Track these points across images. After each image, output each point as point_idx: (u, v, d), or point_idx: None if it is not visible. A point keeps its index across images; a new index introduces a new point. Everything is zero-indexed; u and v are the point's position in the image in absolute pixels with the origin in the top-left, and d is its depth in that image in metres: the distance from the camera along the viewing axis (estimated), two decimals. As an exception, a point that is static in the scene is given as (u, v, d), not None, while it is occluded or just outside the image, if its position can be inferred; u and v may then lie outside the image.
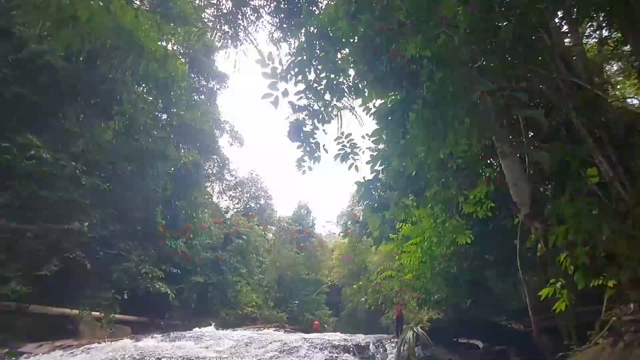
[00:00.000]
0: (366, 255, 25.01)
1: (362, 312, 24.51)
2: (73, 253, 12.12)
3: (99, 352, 6.04)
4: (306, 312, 29.64)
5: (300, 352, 6.44)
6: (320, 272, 34.15)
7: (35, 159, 12.10)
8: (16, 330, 10.19)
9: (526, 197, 5.76)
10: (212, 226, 22.04)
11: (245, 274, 24.09)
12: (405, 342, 6.90)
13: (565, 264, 4.87)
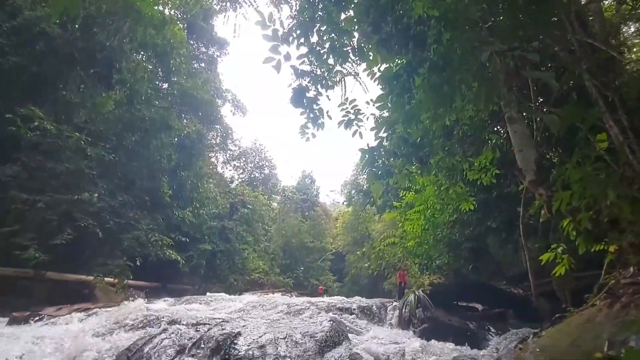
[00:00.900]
0: (369, 223, 25.39)
1: (365, 278, 25.30)
2: (84, 222, 12.42)
3: (115, 313, 6.36)
4: (311, 277, 30.66)
5: (306, 314, 6.72)
6: (324, 240, 34.91)
7: (40, 131, 12.10)
8: (36, 296, 10.72)
9: (532, 163, 5.70)
10: (218, 196, 22.31)
11: (251, 241, 24.69)
12: (407, 304, 7.15)
13: (568, 230, 4.91)
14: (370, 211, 23.03)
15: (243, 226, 23.84)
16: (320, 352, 4.27)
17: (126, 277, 13.59)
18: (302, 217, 35.96)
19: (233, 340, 4.31)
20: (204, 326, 4.92)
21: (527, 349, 4.20)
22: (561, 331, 4.33)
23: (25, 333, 5.88)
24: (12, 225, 11.39)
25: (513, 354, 4.38)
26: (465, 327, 7.04)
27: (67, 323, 6.49)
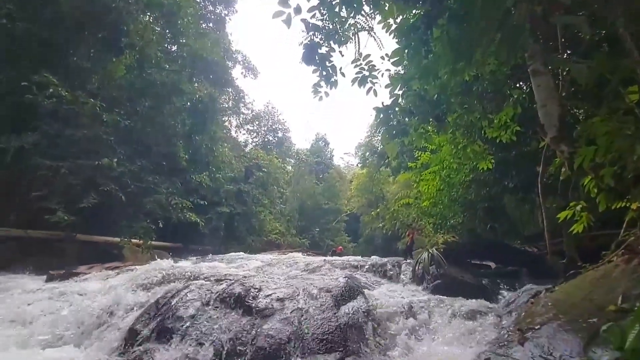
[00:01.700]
0: (384, 185, 25.41)
1: (379, 238, 25.80)
2: (107, 187, 12.91)
3: (142, 271, 6.78)
4: (326, 238, 31.49)
5: (322, 271, 6.99)
6: (339, 201, 35.35)
7: (55, 97, 12.26)
8: (68, 256, 11.47)
9: (555, 119, 5.45)
10: (233, 160, 22.58)
11: (267, 204, 25.25)
12: (420, 262, 7.30)
13: (589, 187, 4.79)
14: (384, 173, 22.95)
15: (259, 189, 24.28)
16: (336, 305, 4.49)
17: (150, 238, 14.31)
18: (317, 179, 36.27)
19: (253, 294, 4.56)
20: (225, 281, 5.21)
21: (538, 302, 4.28)
22: (574, 286, 4.37)
23: (62, 288, 6.37)
24: (39, 191, 11.97)
25: (524, 308, 4.49)
26: (478, 283, 7.18)
27: (99, 280, 6.98)
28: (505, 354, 3.11)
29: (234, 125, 33.65)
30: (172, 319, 4.10)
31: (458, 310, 4.76)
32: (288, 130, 40.12)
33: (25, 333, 4.58)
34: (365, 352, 3.67)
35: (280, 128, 39.11)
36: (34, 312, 5.13)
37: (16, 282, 7.59)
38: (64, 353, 4.14)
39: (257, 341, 3.66)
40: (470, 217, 10.67)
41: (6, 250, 10.79)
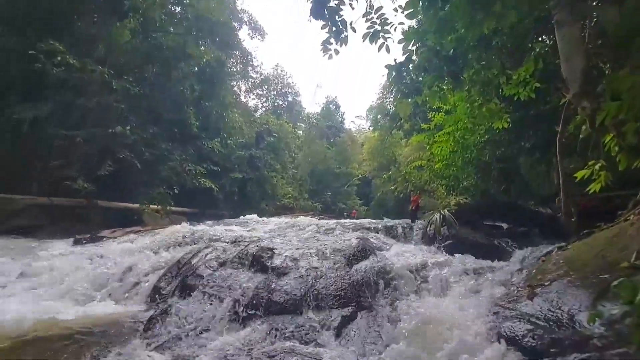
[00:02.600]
0: (396, 148, 25.09)
1: (391, 201, 25.93)
2: (122, 154, 13.19)
3: (163, 234, 7.08)
4: (338, 202, 31.85)
5: (335, 233, 7.15)
6: (350, 165, 35.30)
7: (64, 66, 12.22)
8: (92, 221, 12.00)
9: (578, 73, 5.17)
10: (243, 125, 22.51)
11: (279, 169, 25.43)
12: (432, 223, 7.36)
13: (610, 145, 4.63)
14: (396, 135, 22.57)
15: (270, 154, 24.37)
16: (348, 264, 4.64)
17: (168, 203, 14.78)
18: (328, 143, 36.04)
19: (269, 254, 4.74)
20: (242, 243, 5.41)
21: (550, 260, 4.31)
22: (587, 244, 4.37)
23: (88, 250, 6.75)
24: (58, 160, 12.32)
25: (535, 266, 4.54)
26: (489, 243, 7.25)
27: (123, 242, 7.33)
28: (514, 308, 3.19)
29: (243, 90, 33.18)
30: (193, 277, 4.33)
31: (468, 268, 4.86)
32: (298, 94, 39.41)
33: (59, 290, 4.92)
34: (376, 307, 3.84)
35: (290, 92, 38.40)
36: (66, 271, 5.48)
37: (46, 245, 8.05)
38: (96, 308, 4.46)
39: (273, 297, 3.86)
40: (484, 178, 10.53)
41: (33, 217, 11.35)
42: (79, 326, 3.77)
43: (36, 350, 3.15)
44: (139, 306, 4.40)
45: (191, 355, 2.84)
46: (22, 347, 3.22)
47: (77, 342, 3.35)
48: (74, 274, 5.37)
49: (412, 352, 2.89)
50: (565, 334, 2.60)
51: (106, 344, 3.30)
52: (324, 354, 2.88)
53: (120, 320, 4.04)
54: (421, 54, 4.48)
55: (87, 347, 3.17)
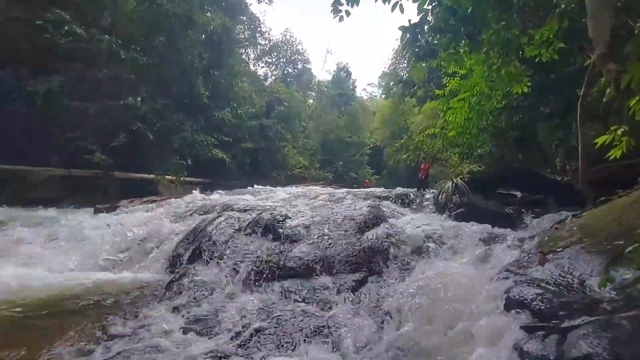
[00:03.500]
0: (408, 116, 24.57)
1: (402, 170, 25.79)
2: (134, 126, 13.31)
3: (178, 203, 7.28)
4: (350, 171, 31.84)
5: (346, 202, 7.20)
6: (362, 134, 34.89)
7: (72, 36, 12.12)
8: (109, 192, 12.38)
9: (606, 32, 4.84)
10: (253, 94, 22.25)
11: (290, 138, 25.34)
12: (444, 191, 7.32)
13: (634, 109, 4.42)
14: (409, 103, 21.98)
15: (281, 124, 24.21)
16: (359, 231, 4.70)
17: (182, 174, 15.07)
18: (339, 112, 35.47)
19: (281, 222, 4.84)
20: (255, 211, 5.52)
21: (563, 227, 4.28)
22: (603, 211, 4.30)
23: (108, 219, 7.02)
24: (73, 132, 12.54)
25: (548, 233, 4.52)
26: (502, 211, 7.20)
27: (141, 211, 7.58)
28: (524, 273, 3.22)
29: (252, 58, 32.42)
30: (209, 243, 4.48)
31: (479, 235, 4.88)
32: (308, 62, 38.27)
33: (83, 257, 5.19)
34: (387, 272, 3.93)
35: (299, 59, 37.32)
36: (88, 239, 5.75)
37: (67, 215, 8.39)
38: (118, 273, 4.71)
39: (286, 262, 3.99)
40: (499, 146, 10.28)
41: (53, 188, 11.76)
42: (104, 290, 4.00)
43: (68, 309, 3.38)
44: (159, 271, 4.63)
45: (210, 315, 3.00)
46: (56, 306, 3.46)
47: (103, 305, 3.57)
48: (96, 241, 5.63)
49: (420, 314, 2.98)
50: (574, 298, 2.62)
51: (130, 305, 3.50)
52: (336, 316, 3.00)
53: (142, 284, 4.27)
54: (437, 14, 4.24)
55: (113, 309, 3.38)
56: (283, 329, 2.78)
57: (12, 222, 7.11)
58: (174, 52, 16.01)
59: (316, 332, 2.71)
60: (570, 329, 2.21)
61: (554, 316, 2.47)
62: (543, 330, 2.36)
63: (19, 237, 5.99)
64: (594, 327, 2.08)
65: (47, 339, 2.76)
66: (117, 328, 2.83)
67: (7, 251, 5.35)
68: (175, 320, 2.96)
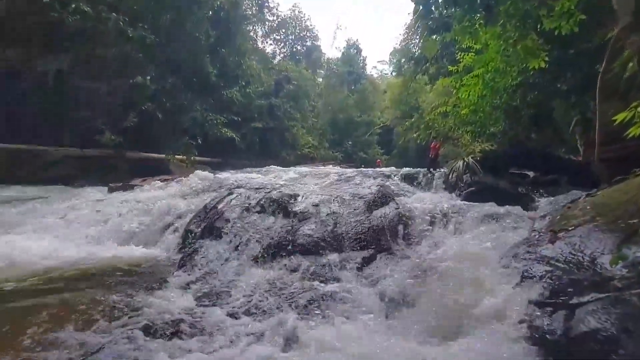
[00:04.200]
0: (420, 94, 24.02)
1: (412, 150, 25.51)
2: (144, 105, 13.36)
3: (189, 181, 7.38)
4: (359, 151, 31.63)
5: (355, 180, 7.20)
6: (372, 113, 34.40)
7: (79, 14, 12.02)
8: (122, 171, 12.59)
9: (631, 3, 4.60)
10: (262, 73, 21.98)
11: (299, 118, 25.17)
12: (454, 170, 7.24)
13: (658, 84, 4.23)
14: (421, 81, 21.41)
15: (290, 103, 24.00)
16: (368, 209, 4.72)
17: (192, 153, 15.20)
18: (349, 91, 34.87)
19: (291, 200, 4.89)
20: (264, 189, 5.57)
21: (576, 206, 4.20)
22: (619, 190, 4.20)
23: (123, 197, 7.18)
24: (85, 112, 12.68)
25: (560, 212, 4.45)
26: (513, 190, 7.10)
27: (153, 190, 7.71)
28: (534, 251, 3.21)
29: (260, 35, 31.78)
30: (220, 220, 4.57)
31: (489, 214, 4.84)
32: (317, 38, 37.36)
33: (99, 232, 5.36)
34: (395, 249, 3.96)
35: (308, 36, 36.44)
36: (105, 215, 5.92)
37: (83, 193, 8.61)
38: (134, 249, 4.86)
39: (296, 239, 4.05)
40: (513, 124, 10.02)
41: (68, 168, 12.02)
42: (121, 264, 4.15)
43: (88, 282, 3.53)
44: (172, 247, 4.76)
45: (222, 289, 3.09)
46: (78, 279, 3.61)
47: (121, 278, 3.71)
48: (112, 218, 5.79)
49: (428, 289, 3.02)
50: (584, 275, 2.61)
51: (146, 278, 3.63)
52: (344, 291, 3.06)
53: (156, 259, 4.41)
54: (452, -16, 4.05)
55: (130, 281, 3.51)
56: (290, 301, 2.87)
57: (31, 200, 7.34)
58: (181, 30, 15.80)
59: (322, 306, 2.78)
60: (579, 305, 2.22)
61: (563, 293, 2.47)
62: (551, 306, 2.38)
63: (38, 213, 6.19)
64: (603, 304, 2.09)
65: (70, 307, 2.90)
66: (136, 299, 2.95)
67: (27, 226, 5.56)
68: (189, 293, 3.08)
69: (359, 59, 39.56)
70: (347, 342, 2.28)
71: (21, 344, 2.29)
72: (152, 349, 2.14)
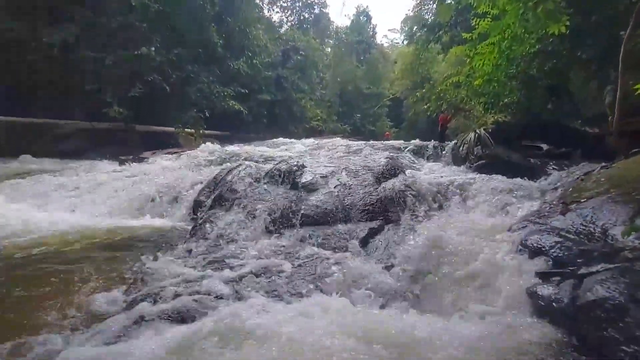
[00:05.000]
0: (432, 64, 23.21)
1: (422, 122, 25.02)
2: (150, 77, 13.23)
3: (198, 154, 7.44)
4: (368, 124, 31.19)
5: (364, 153, 7.14)
6: (381, 85, 33.57)
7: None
8: (131, 144, 12.68)
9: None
10: (268, 43, 21.40)
11: (307, 90, 24.74)
12: (465, 143, 7.12)
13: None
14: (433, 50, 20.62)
15: (297, 74, 23.50)
16: (377, 181, 4.71)
17: (201, 126, 15.19)
18: (358, 61, 33.89)
19: (299, 172, 4.89)
20: (273, 161, 5.58)
21: (590, 178, 4.12)
22: (635, 162, 4.10)
23: (134, 169, 7.27)
24: (92, 84, 12.63)
25: (572, 184, 4.38)
26: (525, 163, 6.98)
27: (163, 162, 7.80)
28: (544, 222, 3.18)
29: (266, 2, 30.66)
30: (229, 192, 4.62)
31: (499, 187, 4.79)
32: (325, 5, 35.87)
33: (112, 204, 5.48)
34: (404, 221, 3.97)
35: (316, 2, 35.01)
36: (116, 188, 6.02)
37: (95, 166, 8.75)
38: (146, 220, 4.98)
39: (304, 210, 4.08)
40: (528, 95, 9.67)
41: (79, 141, 12.16)
42: (134, 233, 4.28)
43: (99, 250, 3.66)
44: (182, 218, 4.88)
45: (232, 257, 3.17)
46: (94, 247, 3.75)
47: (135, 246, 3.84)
48: (123, 189, 5.90)
49: (435, 260, 3.05)
50: (595, 246, 2.59)
51: (159, 247, 3.75)
52: (350, 260, 3.11)
53: (167, 229, 4.53)
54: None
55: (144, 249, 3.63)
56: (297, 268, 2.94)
57: (44, 172, 7.50)
58: (186, -2, 15.32)
59: (328, 273, 2.84)
60: (588, 275, 2.21)
61: (572, 263, 2.47)
62: (559, 275, 2.38)
63: (52, 185, 6.34)
64: (612, 273, 2.08)
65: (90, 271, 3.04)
66: (150, 265, 3.06)
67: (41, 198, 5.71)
68: (199, 260, 3.17)
69: (369, 27, 38.12)
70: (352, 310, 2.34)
71: (32, 308, 2.43)
72: (159, 315, 2.24)
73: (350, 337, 1.94)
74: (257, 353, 1.83)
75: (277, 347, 1.85)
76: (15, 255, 3.40)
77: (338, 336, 1.94)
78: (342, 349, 1.84)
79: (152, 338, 1.99)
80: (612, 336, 1.78)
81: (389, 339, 1.96)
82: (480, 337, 2.02)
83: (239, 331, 1.99)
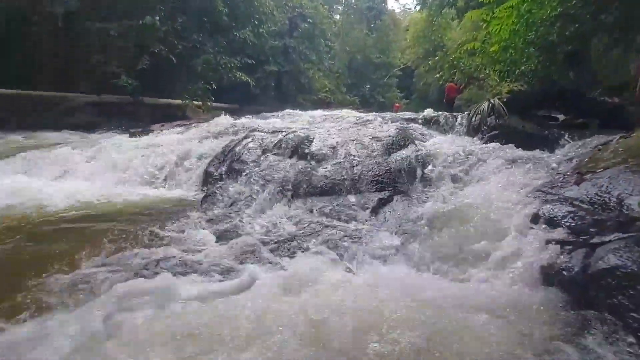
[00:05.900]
0: (445, 31, 22.21)
1: (434, 93, 24.34)
2: (156, 48, 13.01)
3: (207, 126, 7.42)
4: (377, 95, 30.50)
5: (374, 124, 7.00)
6: (391, 54, 32.47)
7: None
8: (140, 117, 12.69)
9: None
10: (275, 10, 20.64)
11: (315, 60, 24.10)
12: (478, 112, 6.90)
13: None
14: (447, 15, 19.69)
15: (305, 43, 22.79)
16: (386, 152, 4.65)
17: (209, 99, 15.07)
18: (368, 29, 32.63)
19: (307, 142, 4.85)
20: (281, 133, 5.53)
21: (607, 149, 3.99)
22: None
23: (144, 141, 7.31)
24: (97, 56, 12.49)
25: (588, 154, 4.26)
26: (540, 134, 6.76)
27: (172, 134, 7.80)
28: (557, 193, 3.13)
29: (272, -34, 29.23)
30: (238, 162, 4.64)
31: (512, 157, 4.69)
32: (335, -33, 34.15)
33: (124, 176, 5.56)
34: (413, 192, 3.95)
35: (325, -36, 33.30)
36: (127, 160, 6.09)
37: (105, 138, 8.81)
38: (157, 190, 5.06)
39: (312, 181, 4.09)
40: (547, 63, 9.22)
41: (88, 115, 12.20)
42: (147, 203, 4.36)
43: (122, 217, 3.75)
44: (192, 188, 4.95)
45: (241, 226, 3.23)
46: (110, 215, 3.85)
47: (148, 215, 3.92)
48: (135, 161, 5.96)
49: (445, 231, 3.05)
50: (609, 216, 2.55)
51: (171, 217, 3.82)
52: (358, 229, 3.13)
53: (178, 200, 4.60)
54: None
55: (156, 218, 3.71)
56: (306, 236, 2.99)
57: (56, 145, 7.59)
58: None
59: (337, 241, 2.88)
60: (600, 244, 2.19)
61: (584, 233, 2.44)
62: (571, 244, 2.37)
63: (64, 157, 6.43)
64: (626, 242, 2.05)
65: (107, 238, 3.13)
66: (162, 234, 3.13)
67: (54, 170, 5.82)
68: (210, 230, 3.23)
69: (380, -9, 36.34)
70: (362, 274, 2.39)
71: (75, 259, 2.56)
72: (172, 281, 2.31)
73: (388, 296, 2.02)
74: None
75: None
76: (51, 218, 3.51)
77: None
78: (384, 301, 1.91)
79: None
80: (623, 303, 1.78)
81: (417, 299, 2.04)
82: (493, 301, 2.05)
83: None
